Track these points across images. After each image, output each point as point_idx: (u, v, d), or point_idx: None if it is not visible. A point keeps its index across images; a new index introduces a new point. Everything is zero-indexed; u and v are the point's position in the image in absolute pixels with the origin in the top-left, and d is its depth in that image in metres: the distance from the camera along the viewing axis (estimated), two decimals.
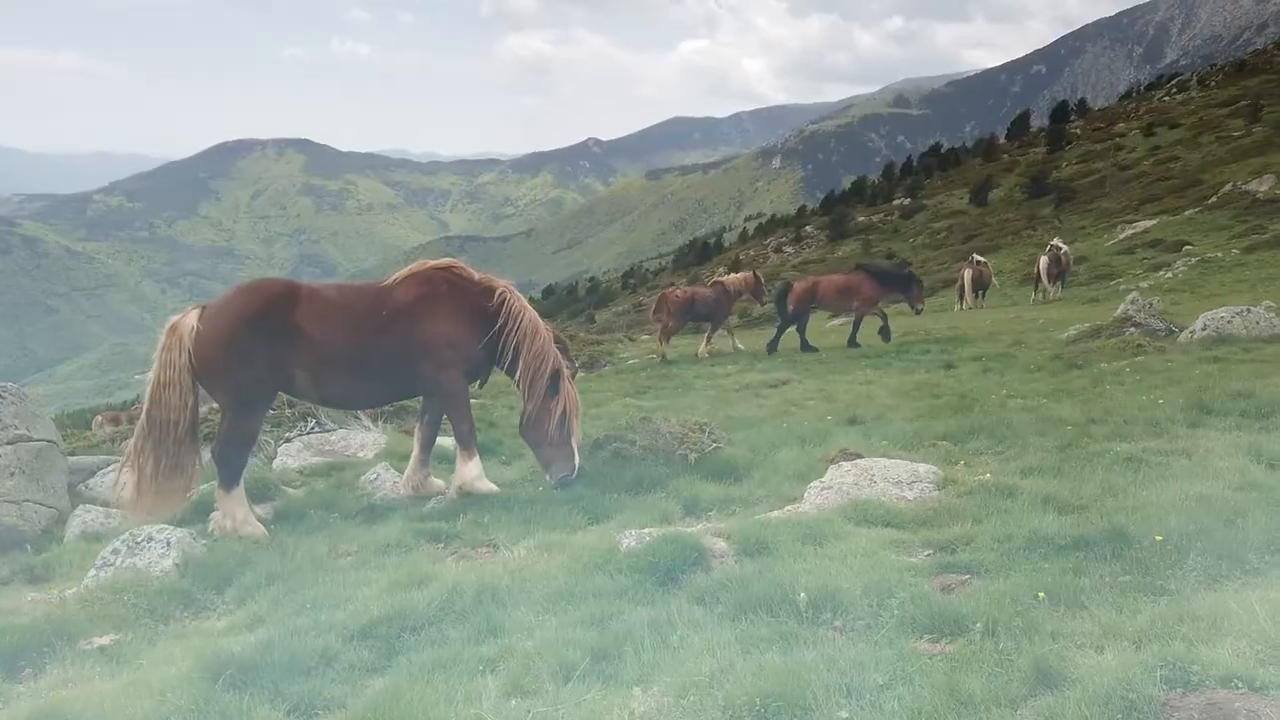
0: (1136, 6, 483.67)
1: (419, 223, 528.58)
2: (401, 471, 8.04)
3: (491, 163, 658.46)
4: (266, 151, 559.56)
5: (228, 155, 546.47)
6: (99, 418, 29.23)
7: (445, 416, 7.77)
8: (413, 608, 4.66)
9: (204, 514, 7.35)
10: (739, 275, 23.05)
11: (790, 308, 19.82)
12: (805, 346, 19.57)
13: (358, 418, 11.93)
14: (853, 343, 19.39)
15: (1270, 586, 3.83)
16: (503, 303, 7.48)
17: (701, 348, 21.34)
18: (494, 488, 7.45)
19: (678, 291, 22.34)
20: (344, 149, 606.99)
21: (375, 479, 8.09)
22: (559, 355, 7.72)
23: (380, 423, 12.30)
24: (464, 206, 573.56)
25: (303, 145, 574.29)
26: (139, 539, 6.08)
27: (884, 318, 19.48)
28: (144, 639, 4.92)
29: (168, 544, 6.06)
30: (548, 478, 7.56)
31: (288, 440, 10.65)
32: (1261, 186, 41.06)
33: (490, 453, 9.20)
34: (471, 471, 7.43)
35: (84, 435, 20.69)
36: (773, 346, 19.79)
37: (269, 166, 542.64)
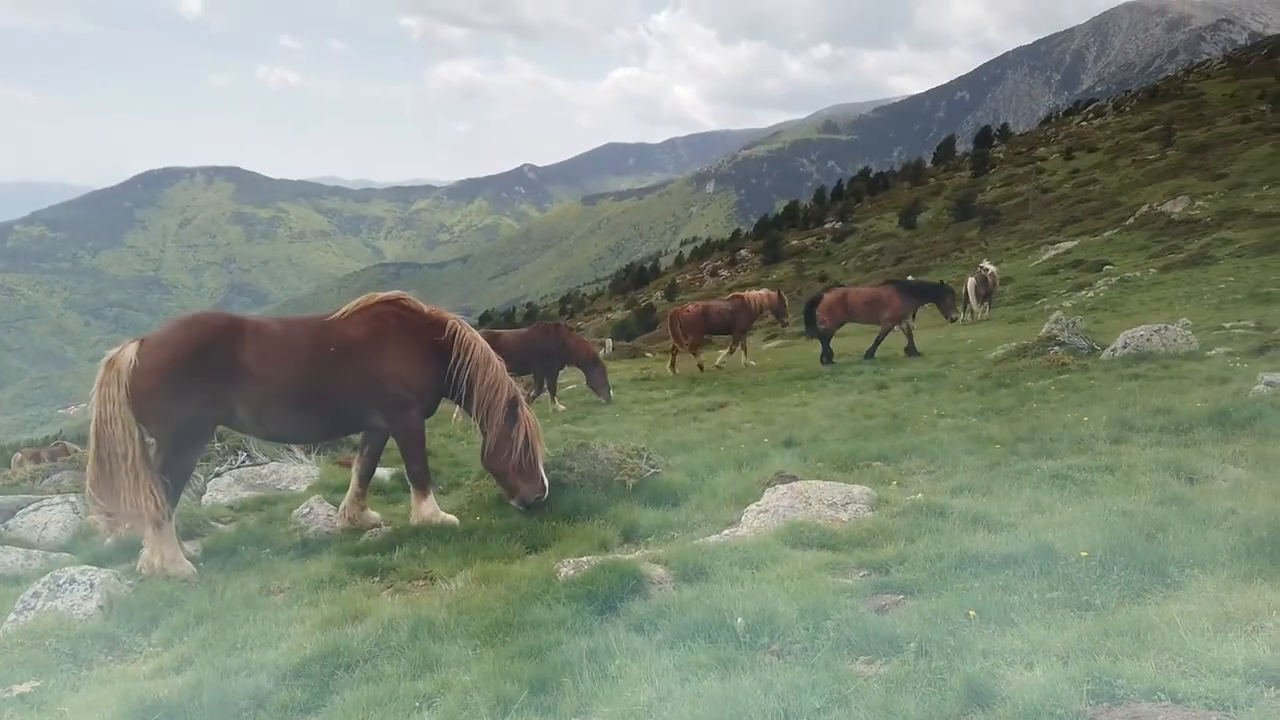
0: (1053, 35, 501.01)
1: (353, 250, 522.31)
2: (335, 504, 7.90)
3: (426, 189, 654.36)
4: (195, 179, 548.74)
5: (154, 183, 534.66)
6: (19, 455, 28.14)
7: (385, 447, 7.68)
8: (347, 644, 4.58)
9: (130, 553, 7.13)
10: (762, 291, 23.10)
11: (821, 320, 19.95)
12: (826, 358, 19.65)
13: (290, 450, 11.70)
14: (870, 355, 19.41)
15: (1190, 599, 3.95)
16: (453, 335, 7.41)
17: (742, 359, 22.36)
18: (453, 519, 7.37)
19: (689, 307, 22.61)
20: (275, 176, 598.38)
21: (308, 512, 7.92)
22: (514, 384, 7.69)
23: (313, 455, 12.08)
24: (398, 233, 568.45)
25: (232, 173, 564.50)
26: (61, 581, 5.88)
27: (910, 335, 19.51)
28: (66, 685, 4.75)
29: (91, 585, 5.87)
30: (513, 503, 7.48)
31: (217, 475, 10.39)
32: (1176, 208, 42.64)
33: None
34: (427, 510, 7.38)
35: (2, 474, 19.94)
36: (826, 358, 19.89)
37: (197, 195, 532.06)
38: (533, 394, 17.54)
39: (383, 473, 8.95)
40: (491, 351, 7.62)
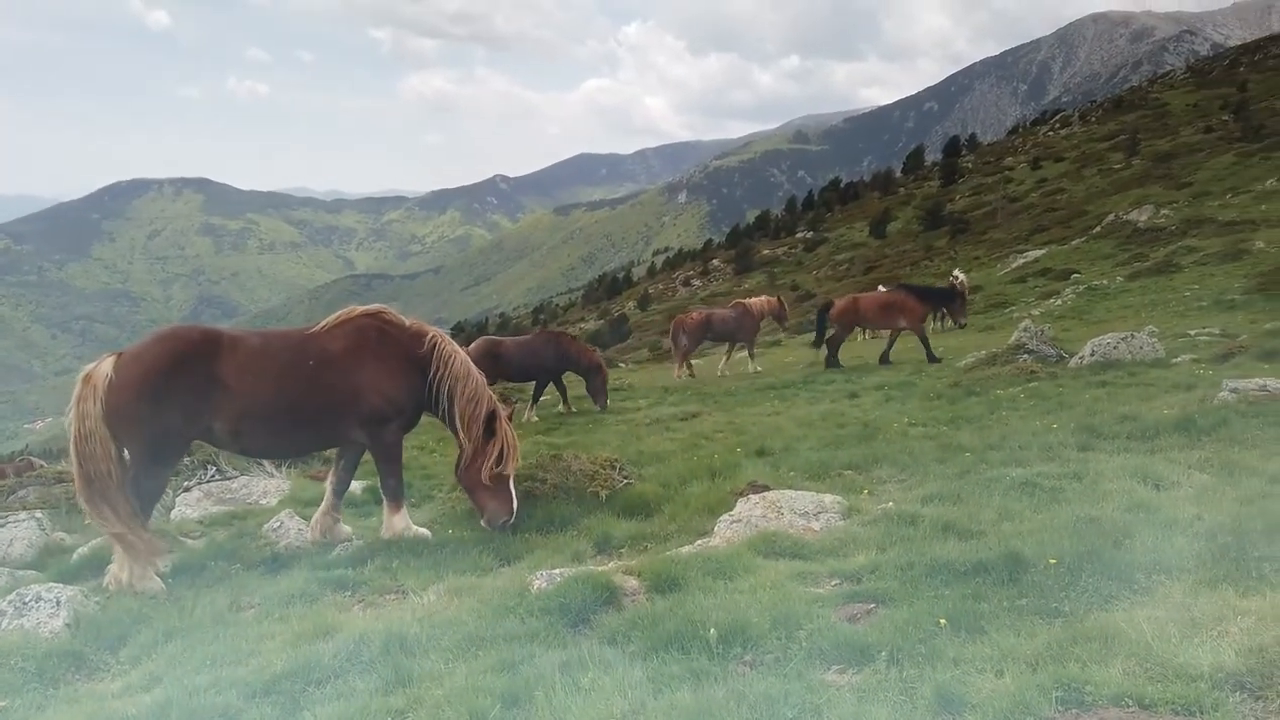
0: (1020, 46, 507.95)
1: (324, 261, 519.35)
2: (306, 518, 7.82)
3: (398, 200, 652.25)
4: (163, 191, 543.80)
5: (122, 195, 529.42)
6: None
7: (360, 461, 7.63)
8: (318, 660, 4.53)
9: (97, 570, 7.03)
10: (763, 298, 23.60)
11: (832, 325, 19.95)
12: (831, 363, 19.63)
13: (260, 464, 11.59)
14: (884, 360, 19.28)
15: (1157, 605, 3.99)
16: (434, 348, 7.37)
17: (720, 366, 22.74)
18: (426, 533, 7.33)
19: (693, 314, 23.02)
20: (245, 188, 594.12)
21: (279, 527, 7.85)
22: (493, 396, 7.65)
23: (284, 468, 11.97)
24: (370, 244, 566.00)
25: (201, 184, 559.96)
26: (26, 599, 5.79)
27: (926, 343, 19.45)
28: (32, 705, 4.67)
29: (57, 603, 5.78)
30: (483, 522, 7.40)
31: (186, 489, 10.28)
32: (1141, 216, 43.25)
33: None
34: (400, 523, 7.33)
35: None
36: (831, 362, 19.88)
37: (166, 206, 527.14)
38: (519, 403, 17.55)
39: (354, 486, 8.88)
40: (472, 364, 7.58)
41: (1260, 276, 23.43)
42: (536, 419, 17.41)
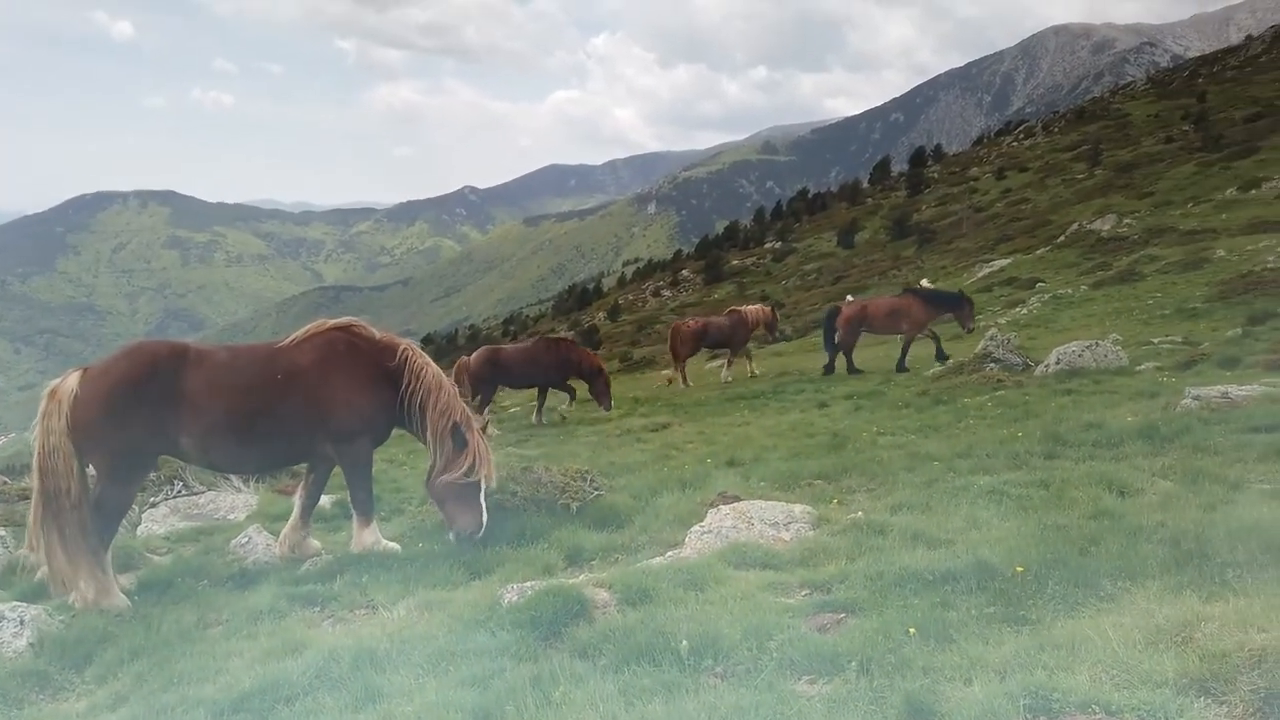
0: (984, 57, 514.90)
1: (292, 274, 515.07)
2: (274, 533, 7.75)
3: (366, 212, 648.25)
4: (128, 203, 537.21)
5: (87, 208, 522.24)
6: None
7: (330, 475, 7.55)
8: (287, 677, 4.48)
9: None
10: (756, 307, 24.27)
11: (840, 332, 19.97)
12: (851, 369, 19.62)
13: (228, 479, 11.46)
14: (901, 366, 19.16)
15: (1123, 612, 4.04)
16: (405, 361, 7.31)
17: (724, 373, 23.08)
18: (395, 547, 7.27)
19: (690, 322, 23.51)
20: (211, 200, 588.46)
21: (247, 542, 7.76)
22: (465, 408, 7.59)
23: (252, 483, 11.84)
24: (338, 256, 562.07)
25: (167, 197, 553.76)
26: None
27: (937, 339, 19.49)
28: None
29: (21, 622, 5.69)
30: (450, 536, 7.34)
31: (153, 505, 10.15)
32: (1105, 225, 43.90)
33: None
34: (369, 538, 7.27)
35: None
36: (829, 368, 19.96)
37: (131, 219, 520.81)
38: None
39: (324, 500, 8.80)
40: (444, 377, 7.54)
41: (1221, 285, 23.82)
42: (545, 423, 17.53)
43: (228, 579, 6.98)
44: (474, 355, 18.40)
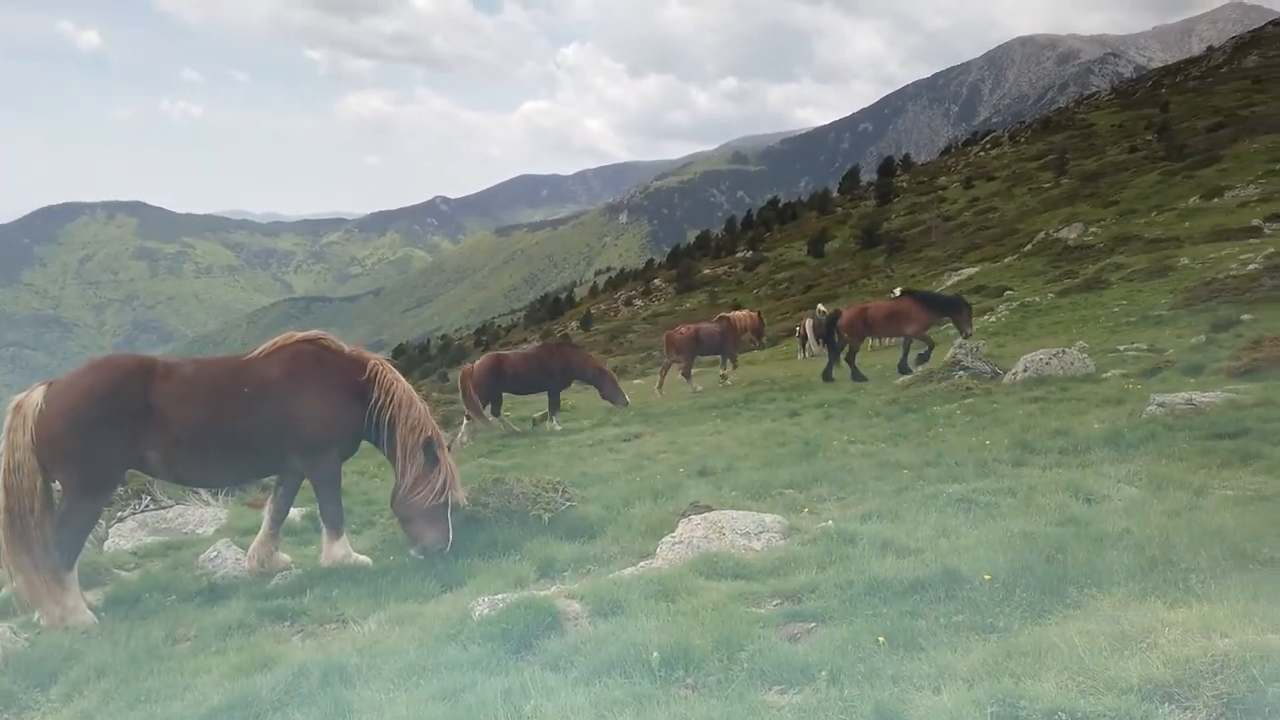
0: (951, 68, 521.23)
1: (262, 285, 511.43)
2: (243, 547, 7.67)
3: (337, 222, 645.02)
4: (96, 215, 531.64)
5: (54, 219, 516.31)
6: None
7: (299, 488, 7.49)
8: (256, 693, 4.43)
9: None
10: (744, 313, 24.82)
11: (842, 336, 19.95)
12: (856, 375, 19.44)
13: (197, 493, 11.33)
14: (903, 368, 19.06)
15: (1089, 618, 4.07)
16: (374, 376, 7.26)
17: (729, 376, 23.22)
18: (366, 560, 7.23)
19: (682, 329, 23.59)
20: (180, 211, 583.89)
21: (216, 556, 7.67)
22: (435, 425, 7.55)
23: (221, 497, 11.71)
24: (308, 267, 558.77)
25: (135, 208, 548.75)
26: None
27: (929, 345, 19.45)
28: None
29: None
30: (413, 551, 7.27)
31: (120, 520, 10.00)
32: (1071, 234, 44.48)
33: None
34: (340, 551, 7.22)
35: None
36: (828, 374, 19.87)
37: (99, 231, 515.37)
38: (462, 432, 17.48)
39: (294, 513, 8.72)
40: (414, 392, 7.50)
41: (1185, 292, 24.17)
42: (560, 428, 17.62)
43: (196, 594, 6.90)
44: (478, 363, 18.47)
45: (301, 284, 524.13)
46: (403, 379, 7.52)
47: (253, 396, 6.85)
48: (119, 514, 10.29)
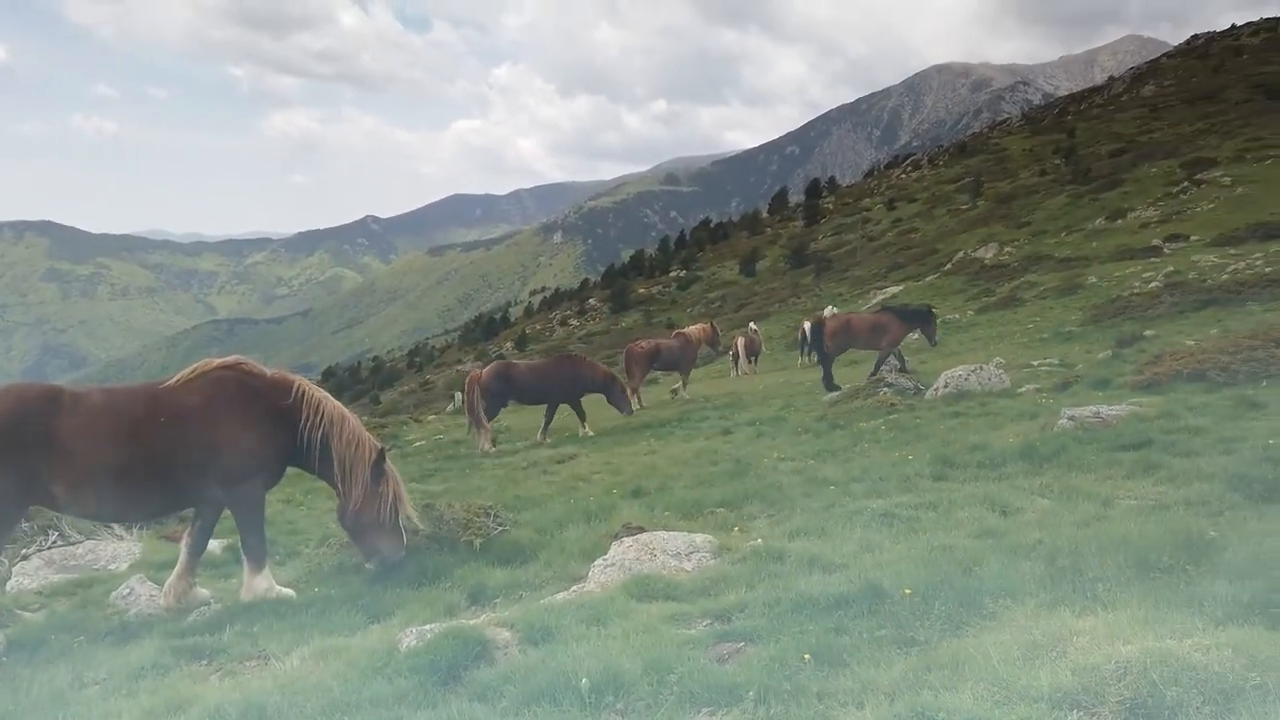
0: (873, 94, 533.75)
1: (183, 306, 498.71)
2: (159, 583, 7.43)
3: (262, 242, 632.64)
4: (3, 235, 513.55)
5: None
6: None
7: (219, 519, 7.32)
8: None
9: None
10: (698, 327, 25.38)
11: (827, 344, 20.20)
12: (829, 385, 19.37)
13: (109, 527, 10.96)
14: (875, 374, 19.25)
15: (1003, 629, 4.21)
16: (301, 396, 7.13)
17: (682, 391, 23.80)
18: (290, 593, 7.07)
19: (642, 344, 23.88)
20: (95, 230, 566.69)
21: (129, 593, 7.41)
22: (373, 439, 7.45)
23: (135, 530, 11.36)
24: (232, 288, 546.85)
25: (45, 228, 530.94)
26: None
27: (880, 364, 19.80)
28: None
29: None
30: (369, 565, 7.23)
31: (24, 558, 9.60)
32: (988, 254, 45.84)
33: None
34: (262, 584, 7.03)
35: None
36: (828, 382, 19.77)
37: (6, 251, 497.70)
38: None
39: (213, 545, 8.50)
40: (345, 409, 7.40)
41: (1093, 309, 25.10)
42: (549, 442, 17.61)
43: (107, 634, 6.65)
44: (486, 369, 18.65)
45: (225, 305, 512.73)
46: (331, 398, 7.43)
47: (170, 426, 6.67)
48: (23, 551, 9.87)
